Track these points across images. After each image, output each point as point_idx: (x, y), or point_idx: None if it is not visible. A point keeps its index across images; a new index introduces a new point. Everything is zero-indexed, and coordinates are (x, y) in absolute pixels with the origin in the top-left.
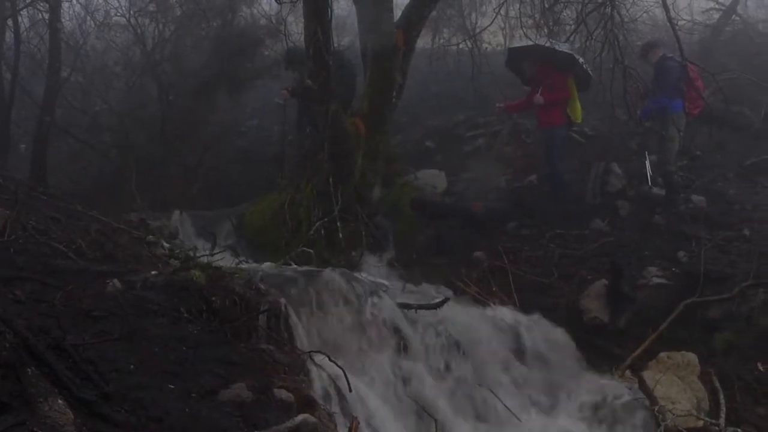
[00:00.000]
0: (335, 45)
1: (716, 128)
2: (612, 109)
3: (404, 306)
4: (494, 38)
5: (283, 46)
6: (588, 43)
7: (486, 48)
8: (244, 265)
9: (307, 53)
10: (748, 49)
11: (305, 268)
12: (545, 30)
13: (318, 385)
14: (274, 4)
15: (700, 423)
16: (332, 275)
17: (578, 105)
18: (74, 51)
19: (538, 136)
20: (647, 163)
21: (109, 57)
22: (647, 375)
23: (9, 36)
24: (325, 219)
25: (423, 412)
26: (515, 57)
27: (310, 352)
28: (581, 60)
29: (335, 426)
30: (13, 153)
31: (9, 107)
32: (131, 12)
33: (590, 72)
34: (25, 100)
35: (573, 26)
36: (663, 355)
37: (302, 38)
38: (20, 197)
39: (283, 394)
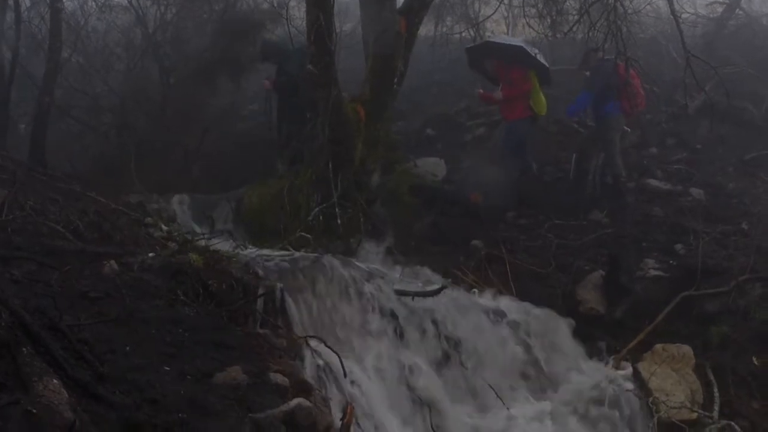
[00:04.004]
0: (337, 31)
1: (717, 122)
2: None
3: (401, 293)
4: (497, 27)
5: (285, 30)
6: (591, 34)
7: (489, 37)
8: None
9: (308, 39)
10: (751, 44)
11: (303, 253)
12: (548, 20)
13: (313, 370)
14: None
15: (694, 415)
16: (330, 261)
17: (541, 98)
18: (75, 32)
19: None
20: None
21: (110, 38)
22: (642, 366)
23: (9, 15)
24: (324, 205)
25: (418, 398)
26: (474, 57)
27: (306, 337)
28: (534, 52)
29: (330, 411)
30: (13, 133)
31: (9, 87)
32: None
33: (547, 64)
34: (25, 80)
35: (576, 17)
36: (658, 346)
37: (304, 23)
38: (19, 177)
39: (278, 378)
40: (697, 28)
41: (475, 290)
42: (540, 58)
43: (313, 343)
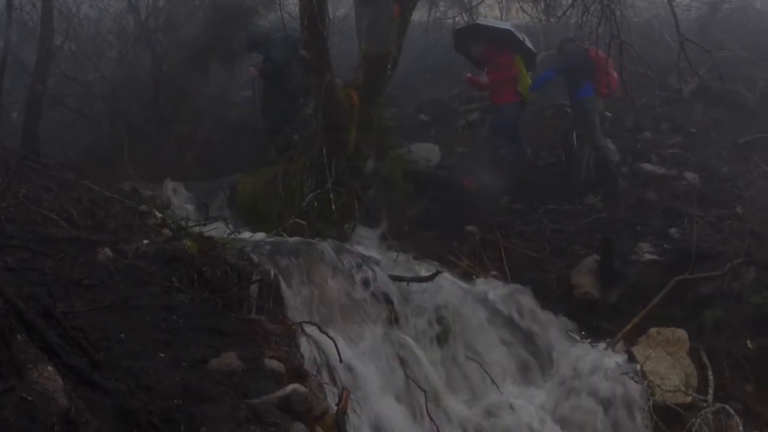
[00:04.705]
0: (330, 16)
1: (711, 106)
2: None
3: (396, 278)
4: (491, 11)
5: (278, 16)
6: (584, 18)
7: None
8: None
9: (302, 24)
10: (745, 28)
11: (297, 239)
12: (542, 4)
13: (308, 356)
14: None
15: (689, 399)
16: (324, 247)
17: (528, 82)
18: (67, 19)
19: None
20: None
21: (102, 25)
22: (637, 350)
23: (0, 3)
24: (318, 191)
25: (412, 383)
26: (461, 40)
27: (301, 322)
28: (522, 36)
29: (325, 396)
30: (5, 121)
31: (0, 75)
32: None
33: (534, 49)
34: (17, 68)
35: (569, 0)
36: (653, 330)
37: (296, 9)
38: (12, 166)
39: (273, 364)
40: (691, 12)
41: (471, 275)
42: (527, 42)
43: (308, 328)
